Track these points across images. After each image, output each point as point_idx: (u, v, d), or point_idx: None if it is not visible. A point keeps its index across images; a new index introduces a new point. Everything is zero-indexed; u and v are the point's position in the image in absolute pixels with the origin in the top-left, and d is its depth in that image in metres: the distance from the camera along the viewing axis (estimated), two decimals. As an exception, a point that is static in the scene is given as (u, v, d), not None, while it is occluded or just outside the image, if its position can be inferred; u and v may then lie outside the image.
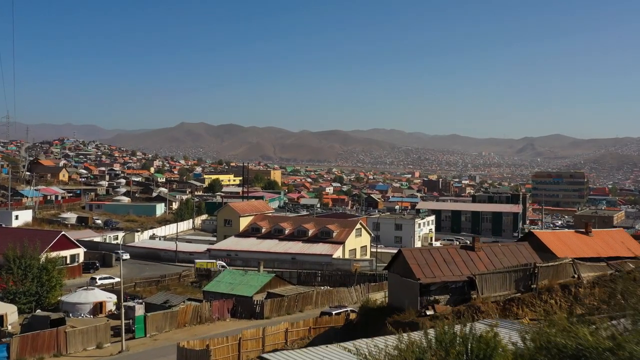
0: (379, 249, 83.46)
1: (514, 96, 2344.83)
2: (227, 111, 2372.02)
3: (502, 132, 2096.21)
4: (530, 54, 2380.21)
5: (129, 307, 46.25)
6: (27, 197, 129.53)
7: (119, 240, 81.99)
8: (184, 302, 50.88)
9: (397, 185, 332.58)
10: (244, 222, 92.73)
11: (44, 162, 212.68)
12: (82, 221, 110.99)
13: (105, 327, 41.98)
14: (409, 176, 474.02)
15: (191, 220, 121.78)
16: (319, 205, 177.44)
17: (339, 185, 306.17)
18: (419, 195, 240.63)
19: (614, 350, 9.20)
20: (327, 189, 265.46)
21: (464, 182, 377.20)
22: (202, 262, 72.77)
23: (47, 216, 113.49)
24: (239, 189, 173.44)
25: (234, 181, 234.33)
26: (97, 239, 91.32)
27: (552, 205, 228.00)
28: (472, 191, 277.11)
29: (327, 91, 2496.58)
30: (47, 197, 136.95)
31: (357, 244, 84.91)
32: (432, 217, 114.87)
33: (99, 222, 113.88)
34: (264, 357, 18.99)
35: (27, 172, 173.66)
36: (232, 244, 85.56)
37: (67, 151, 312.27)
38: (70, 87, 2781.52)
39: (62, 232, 73.64)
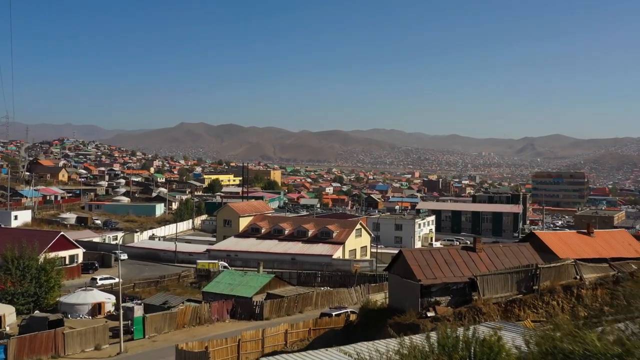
0: (379, 250, 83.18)
1: (514, 96, 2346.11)
2: (227, 111, 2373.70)
3: (502, 132, 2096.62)
4: (530, 54, 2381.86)
5: (128, 308, 45.99)
6: (27, 197, 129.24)
7: (119, 240, 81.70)
8: (183, 303, 50.58)
9: (397, 185, 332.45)
10: (244, 223, 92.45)
11: (44, 162, 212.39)
12: (82, 221, 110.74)
13: (103, 328, 41.71)
14: (409, 176, 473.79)
15: (191, 220, 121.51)
16: (318, 205, 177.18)
17: (339, 185, 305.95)
18: (419, 195, 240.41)
19: (623, 356, 8.91)
20: (327, 189, 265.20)
21: (464, 182, 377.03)
22: (204, 263, 72.50)
23: (46, 216, 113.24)
24: (239, 189, 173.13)
25: (233, 181, 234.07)
26: (96, 239, 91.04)
27: (552, 205, 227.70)
28: (472, 191, 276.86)
29: (327, 91, 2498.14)
30: (47, 198, 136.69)
31: (357, 244, 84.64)
32: (432, 218, 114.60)
33: (98, 222, 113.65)
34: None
35: (27, 172, 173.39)
36: (231, 244, 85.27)
37: (66, 151, 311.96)
38: (70, 87, 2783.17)
39: (61, 233, 73.39)
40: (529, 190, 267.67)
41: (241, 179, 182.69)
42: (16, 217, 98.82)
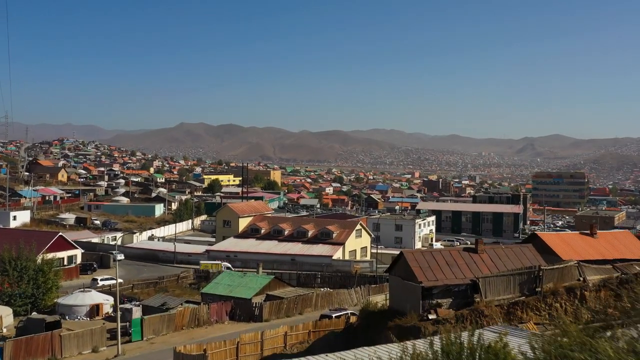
0: (379, 250, 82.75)
1: (514, 96, 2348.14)
2: (227, 111, 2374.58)
3: (502, 132, 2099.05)
4: (530, 54, 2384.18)
5: (126, 310, 45.59)
6: (26, 198, 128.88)
7: (117, 241, 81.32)
8: (181, 304, 50.14)
9: (397, 185, 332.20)
10: (243, 223, 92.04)
11: (43, 162, 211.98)
12: (81, 222, 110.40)
13: (101, 330, 41.29)
14: (409, 176, 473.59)
15: (190, 221, 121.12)
16: (318, 205, 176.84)
17: (339, 185, 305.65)
18: (419, 195, 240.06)
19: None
20: (327, 190, 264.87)
21: (464, 182, 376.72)
22: (207, 264, 71.94)
23: (45, 217, 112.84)
24: (239, 190, 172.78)
25: (233, 181, 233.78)
26: (95, 240, 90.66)
27: (552, 205, 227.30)
28: (472, 191, 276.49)
29: (327, 91, 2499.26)
30: (46, 198, 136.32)
31: (357, 244, 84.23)
32: (432, 218, 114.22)
33: (97, 222, 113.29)
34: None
35: (26, 173, 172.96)
36: (231, 245, 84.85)
37: (66, 151, 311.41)
38: (70, 87, 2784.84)
39: (59, 233, 73.05)
40: (529, 190, 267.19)
41: (241, 179, 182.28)
42: (15, 218, 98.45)
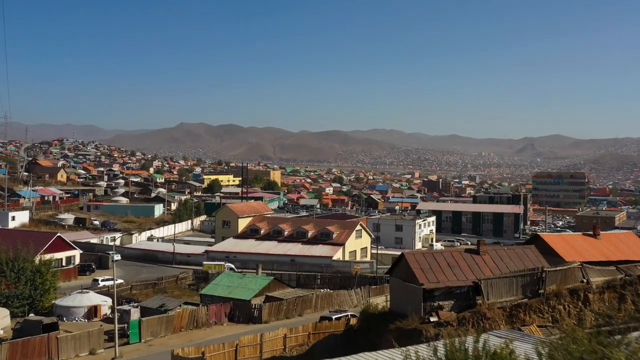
0: (379, 251, 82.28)
1: (514, 96, 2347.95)
2: (227, 111, 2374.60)
3: (502, 132, 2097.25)
4: (530, 54, 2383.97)
5: (124, 311, 45.17)
6: (25, 198, 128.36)
7: (116, 241, 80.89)
8: (180, 306, 49.66)
9: (397, 185, 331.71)
10: (243, 223, 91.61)
11: (42, 162, 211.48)
12: (80, 222, 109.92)
13: (98, 332, 40.83)
14: (409, 176, 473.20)
15: (190, 221, 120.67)
16: (318, 205, 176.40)
17: (339, 185, 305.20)
18: (419, 195, 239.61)
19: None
20: (327, 190, 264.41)
21: (464, 182, 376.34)
22: (210, 265, 71.39)
23: (44, 217, 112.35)
24: (239, 190, 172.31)
25: (233, 181, 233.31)
26: (94, 240, 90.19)
27: (552, 205, 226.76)
28: (472, 191, 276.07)
29: (327, 91, 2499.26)
30: (45, 198, 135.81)
31: (357, 245, 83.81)
32: (432, 218, 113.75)
33: (96, 223, 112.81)
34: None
35: (25, 173, 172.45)
36: (230, 245, 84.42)
37: (66, 151, 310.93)
38: (70, 87, 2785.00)
39: (58, 234, 72.56)
40: (529, 190, 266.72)
41: (241, 179, 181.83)
42: (13, 218, 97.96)
